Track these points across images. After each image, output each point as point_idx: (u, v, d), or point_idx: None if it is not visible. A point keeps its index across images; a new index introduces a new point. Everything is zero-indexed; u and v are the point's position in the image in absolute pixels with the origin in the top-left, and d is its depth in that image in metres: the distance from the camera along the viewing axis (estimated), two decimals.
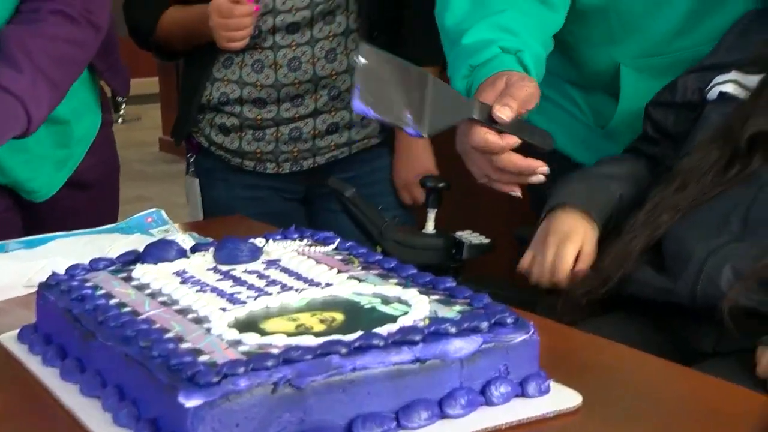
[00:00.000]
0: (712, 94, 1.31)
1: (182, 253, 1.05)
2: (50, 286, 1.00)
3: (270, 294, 0.93)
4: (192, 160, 1.84)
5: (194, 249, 1.07)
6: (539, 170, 1.13)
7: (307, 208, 1.83)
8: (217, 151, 1.79)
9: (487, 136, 1.09)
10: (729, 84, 1.29)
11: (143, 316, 0.89)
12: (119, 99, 6.08)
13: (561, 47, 1.51)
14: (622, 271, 1.19)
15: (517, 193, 1.17)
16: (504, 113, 1.08)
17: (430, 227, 1.39)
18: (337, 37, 1.70)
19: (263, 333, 0.83)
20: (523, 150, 1.15)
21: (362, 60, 1.07)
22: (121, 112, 6.34)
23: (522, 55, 1.23)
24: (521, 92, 1.12)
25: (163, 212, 1.43)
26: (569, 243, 1.22)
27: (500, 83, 1.14)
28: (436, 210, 1.39)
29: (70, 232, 1.36)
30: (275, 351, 0.79)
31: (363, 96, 1.06)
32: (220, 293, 0.94)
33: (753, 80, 1.27)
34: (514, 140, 1.11)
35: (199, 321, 0.87)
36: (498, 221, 1.65)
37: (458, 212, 1.72)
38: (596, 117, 1.54)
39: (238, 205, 1.76)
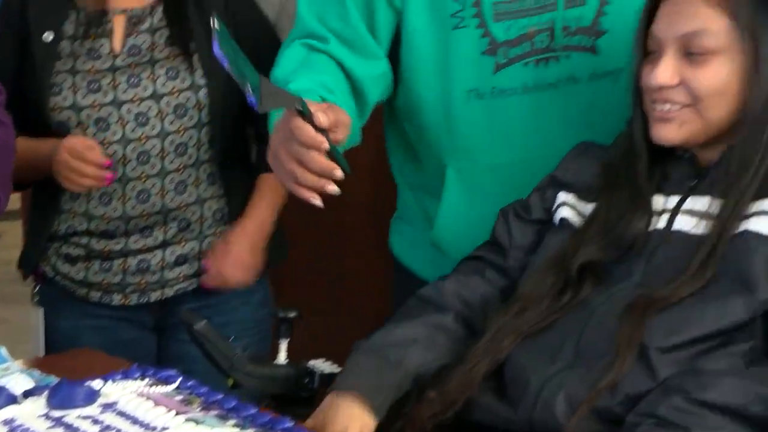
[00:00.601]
0: (555, 219, 1.37)
1: (12, 399, 1.01)
2: None
3: None
4: (36, 289, 1.79)
5: (27, 393, 1.04)
6: (335, 173, 1.23)
7: (159, 335, 1.79)
8: (63, 281, 1.75)
9: (306, 124, 1.23)
10: (567, 209, 1.35)
11: None
12: None
13: (404, 143, 1.57)
14: (466, 396, 1.21)
15: (317, 202, 1.25)
16: (322, 117, 1.24)
17: (281, 357, 1.38)
18: (188, 168, 1.71)
19: None
20: None
21: (217, 26, 1.19)
22: None
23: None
24: (340, 112, 1.29)
25: (3, 349, 1.37)
26: None
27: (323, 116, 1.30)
28: (288, 340, 1.39)
29: None
30: None
31: (220, 47, 1.18)
32: None
33: (588, 208, 1.33)
34: (324, 142, 1.23)
35: None
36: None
37: (314, 340, 1.72)
38: (426, 221, 1.57)
39: (84, 335, 1.71)
